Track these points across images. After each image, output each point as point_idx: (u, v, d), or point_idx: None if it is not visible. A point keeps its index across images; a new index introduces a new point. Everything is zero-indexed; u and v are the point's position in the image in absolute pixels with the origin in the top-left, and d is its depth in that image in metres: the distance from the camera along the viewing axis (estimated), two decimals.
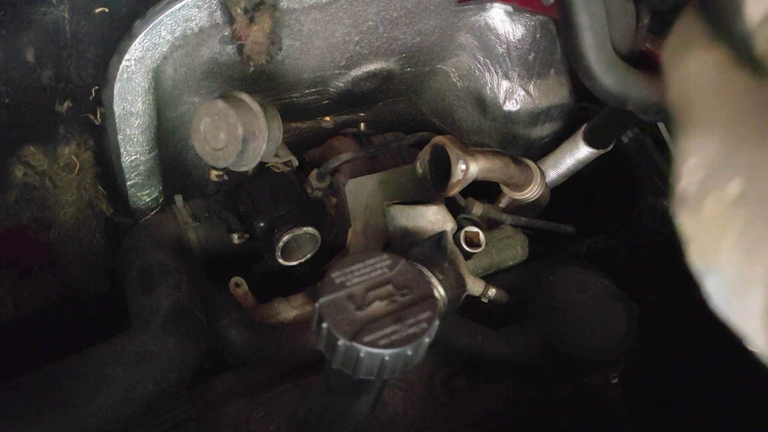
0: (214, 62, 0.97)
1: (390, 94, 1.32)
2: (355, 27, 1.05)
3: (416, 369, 1.00)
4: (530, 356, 1.03)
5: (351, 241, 1.14)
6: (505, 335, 1.03)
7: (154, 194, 1.05)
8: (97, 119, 0.92)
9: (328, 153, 1.20)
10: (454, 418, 1.01)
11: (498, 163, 1.10)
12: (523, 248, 1.21)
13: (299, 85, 1.13)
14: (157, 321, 0.85)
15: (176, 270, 0.94)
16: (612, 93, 1.03)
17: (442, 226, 1.03)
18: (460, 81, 1.30)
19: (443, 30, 1.17)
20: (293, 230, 1.05)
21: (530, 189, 1.19)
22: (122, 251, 1.02)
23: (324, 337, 0.59)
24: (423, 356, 0.60)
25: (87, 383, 0.76)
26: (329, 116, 1.26)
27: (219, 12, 0.88)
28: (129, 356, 0.80)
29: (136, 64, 0.87)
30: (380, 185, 1.14)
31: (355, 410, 0.73)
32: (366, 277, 0.62)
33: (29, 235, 0.98)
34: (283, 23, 0.95)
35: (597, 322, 1.04)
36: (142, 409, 0.78)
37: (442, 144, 1.07)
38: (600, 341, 1.02)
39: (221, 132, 0.92)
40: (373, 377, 0.59)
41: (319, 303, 0.59)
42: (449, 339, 0.98)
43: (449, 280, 0.93)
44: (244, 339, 0.93)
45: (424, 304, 0.60)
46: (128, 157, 0.97)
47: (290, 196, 1.10)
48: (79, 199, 0.99)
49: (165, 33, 0.86)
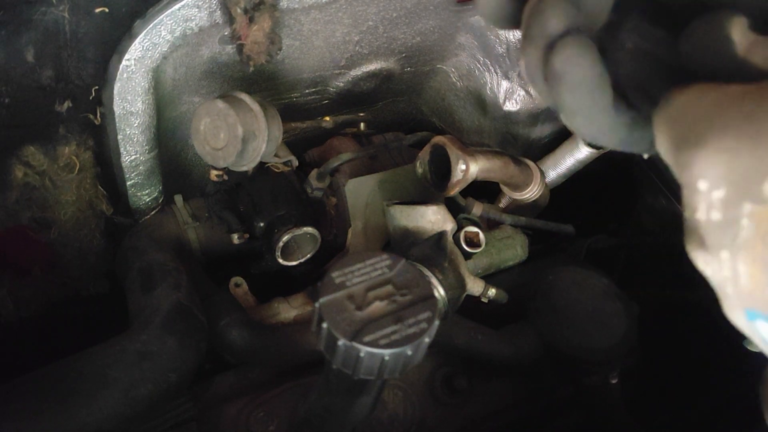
0: (213, 62, 0.97)
1: (390, 94, 1.32)
2: (354, 27, 1.05)
3: (416, 369, 1.01)
4: (530, 356, 1.03)
5: (351, 241, 1.14)
6: (505, 335, 1.03)
7: (154, 194, 1.05)
8: (97, 119, 0.92)
9: (328, 153, 1.20)
10: (454, 418, 1.01)
11: (498, 163, 1.10)
12: (522, 248, 1.21)
13: (299, 85, 1.13)
14: (157, 321, 0.85)
15: (176, 270, 0.94)
16: None
17: (442, 226, 1.03)
18: (459, 81, 1.30)
19: (443, 30, 1.17)
20: (293, 230, 1.05)
21: (530, 189, 1.19)
22: (122, 251, 1.02)
23: (324, 337, 0.59)
24: (423, 356, 0.61)
25: (87, 383, 0.76)
26: (329, 116, 1.26)
27: (219, 12, 0.88)
28: (129, 356, 0.80)
29: (136, 63, 0.87)
30: (380, 185, 1.14)
31: (355, 410, 0.73)
32: (366, 277, 0.62)
33: (29, 235, 0.98)
34: (283, 23, 0.95)
35: (597, 321, 1.04)
36: (143, 409, 0.78)
37: (442, 144, 1.07)
38: (600, 341, 1.02)
39: (221, 132, 0.92)
40: (373, 377, 0.59)
41: (319, 303, 0.59)
42: (449, 339, 0.98)
43: (449, 280, 0.93)
44: (244, 339, 0.93)
45: (424, 304, 0.60)
46: (128, 156, 0.97)
47: (290, 196, 1.10)
48: (79, 199, 0.99)
49: (165, 33, 0.86)
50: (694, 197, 0.35)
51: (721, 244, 0.34)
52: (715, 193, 0.34)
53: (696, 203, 0.35)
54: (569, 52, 0.39)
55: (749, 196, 0.33)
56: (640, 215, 1.30)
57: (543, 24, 0.40)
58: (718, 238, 0.34)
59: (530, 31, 0.41)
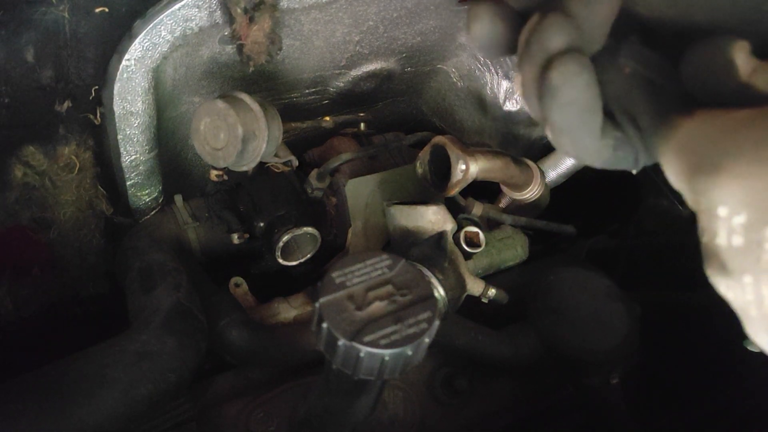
0: (213, 62, 0.97)
1: (390, 94, 1.32)
2: (355, 27, 1.05)
3: (416, 369, 1.01)
4: (530, 357, 1.03)
5: (351, 241, 1.14)
6: (506, 336, 1.03)
7: (153, 194, 1.05)
8: (96, 119, 0.92)
9: (328, 153, 1.20)
10: (454, 419, 1.01)
11: (498, 163, 1.10)
12: (523, 248, 1.21)
13: (299, 85, 1.13)
14: (157, 321, 0.85)
15: (176, 270, 0.94)
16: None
17: (442, 226, 1.03)
18: (460, 81, 1.30)
19: (443, 30, 1.17)
20: (293, 230, 1.05)
21: (530, 189, 1.19)
22: (122, 251, 1.02)
23: (324, 337, 0.59)
24: (423, 356, 0.60)
25: (87, 383, 0.76)
26: (329, 116, 1.26)
27: (219, 12, 0.88)
28: (129, 356, 0.80)
29: (136, 63, 0.87)
30: (380, 185, 1.14)
31: (355, 410, 0.73)
32: (366, 277, 0.62)
33: (29, 235, 0.98)
34: (283, 23, 0.95)
35: (598, 322, 1.04)
36: (142, 409, 0.78)
37: (442, 144, 1.07)
38: (601, 342, 1.02)
39: (221, 132, 0.92)
40: (373, 377, 0.59)
41: (319, 303, 0.59)
42: (449, 339, 0.98)
43: (449, 280, 0.93)
44: (244, 339, 0.93)
45: (424, 304, 0.60)
46: (128, 156, 0.96)
47: (290, 196, 1.10)
48: (78, 199, 0.99)
49: (165, 33, 0.86)
50: (713, 223, 0.35)
51: (743, 269, 0.34)
52: (736, 219, 0.34)
53: (715, 229, 0.35)
54: (566, 69, 0.39)
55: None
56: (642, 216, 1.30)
57: (543, 41, 0.40)
58: (741, 263, 0.34)
59: (529, 47, 0.41)
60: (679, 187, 0.39)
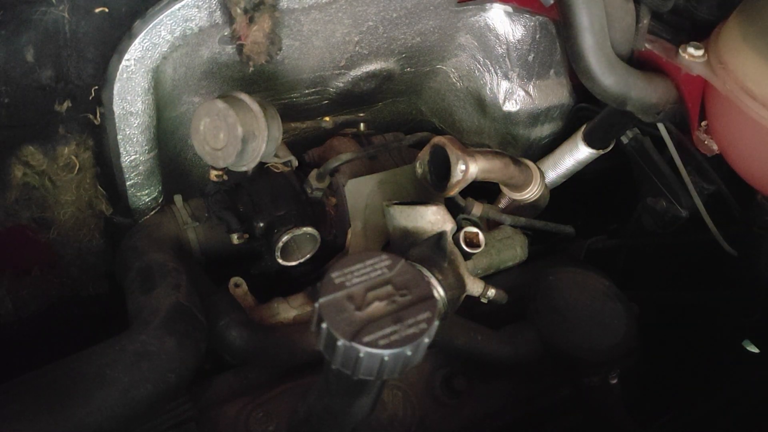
0: (213, 62, 0.97)
1: (390, 95, 1.32)
2: (355, 27, 1.05)
3: (416, 369, 1.01)
4: (530, 356, 1.03)
5: (351, 242, 1.14)
6: (505, 336, 1.03)
7: (153, 194, 1.05)
8: (96, 119, 0.93)
9: (327, 153, 1.20)
10: (453, 419, 1.01)
11: (498, 163, 1.10)
12: (522, 249, 1.21)
13: (299, 85, 1.13)
14: (157, 321, 0.85)
15: (176, 270, 0.94)
16: (612, 93, 1.03)
17: (441, 226, 1.03)
18: (459, 81, 1.30)
19: (443, 30, 1.17)
20: (293, 230, 1.05)
21: (530, 189, 1.19)
22: (122, 251, 1.02)
23: (324, 337, 0.59)
24: (422, 356, 0.60)
25: (87, 383, 0.76)
26: (329, 116, 1.26)
27: (219, 12, 0.88)
28: (128, 356, 0.80)
29: (135, 64, 0.87)
30: (380, 185, 1.14)
31: (355, 410, 0.73)
32: (365, 278, 0.62)
33: (29, 235, 0.98)
34: (282, 23, 0.95)
35: (597, 322, 1.04)
36: (142, 409, 0.78)
37: (442, 144, 1.07)
38: (600, 341, 1.02)
39: (221, 132, 0.92)
40: (372, 377, 0.59)
41: (319, 303, 0.59)
42: (449, 339, 0.98)
43: (449, 280, 0.93)
44: (244, 339, 0.93)
45: (423, 304, 0.60)
46: (128, 157, 0.97)
47: (290, 196, 1.10)
48: (78, 199, 0.99)
49: (165, 33, 0.86)
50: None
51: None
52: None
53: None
54: None
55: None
56: (641, 216, 1.30)
57: None
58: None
59: None
60: None
